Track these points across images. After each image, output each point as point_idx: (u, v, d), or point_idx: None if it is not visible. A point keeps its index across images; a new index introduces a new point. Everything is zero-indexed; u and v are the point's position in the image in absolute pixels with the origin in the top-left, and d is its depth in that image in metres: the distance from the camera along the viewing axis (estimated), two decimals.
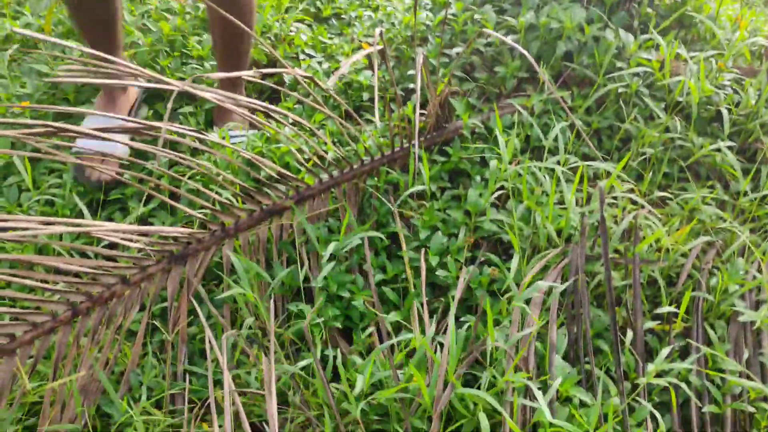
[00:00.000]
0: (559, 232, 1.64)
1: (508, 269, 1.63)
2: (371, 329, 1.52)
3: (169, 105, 1.28)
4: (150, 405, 1.37)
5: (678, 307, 1.52)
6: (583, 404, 1.31)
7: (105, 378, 1.33)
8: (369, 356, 1.40)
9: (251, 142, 1.86)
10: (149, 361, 1.44)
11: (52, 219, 1.28)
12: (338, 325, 1.52)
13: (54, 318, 1.33)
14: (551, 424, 1.24)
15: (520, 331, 1.41)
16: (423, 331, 1.49)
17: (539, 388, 1.31)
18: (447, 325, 1.50)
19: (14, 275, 1.29)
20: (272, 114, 1.58)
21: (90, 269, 1.38)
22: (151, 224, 1.81)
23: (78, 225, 1.33)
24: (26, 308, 1.49)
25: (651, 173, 1.81)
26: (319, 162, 1.70)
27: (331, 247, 1.55)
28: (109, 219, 1.84)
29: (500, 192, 1.72)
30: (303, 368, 1.42)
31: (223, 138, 1.93)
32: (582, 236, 1.54)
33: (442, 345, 1.43)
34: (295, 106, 2.15)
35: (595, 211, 1.65)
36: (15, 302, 1.56)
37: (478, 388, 1.32)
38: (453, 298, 1.60)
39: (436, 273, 1.61)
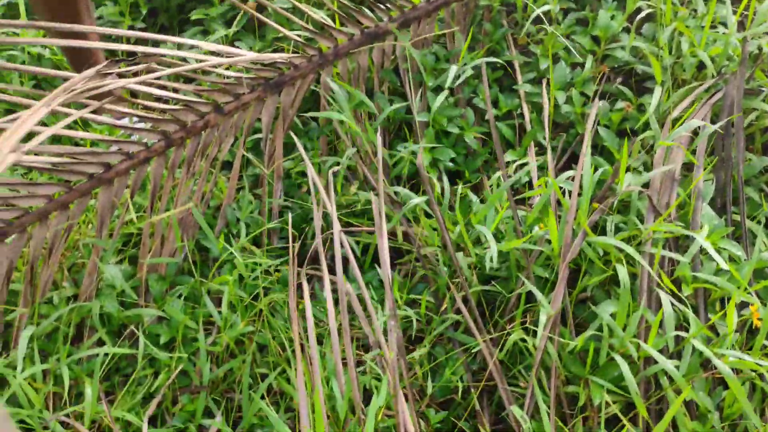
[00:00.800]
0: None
1: (642, 105, 1.42)
2: (482, 169, 1.37)
3: None
4: (248, 242, 1.30)
5: None
6: (732, 258, 1.16)
7: (199, 214, 1.25)
8: (485, 197, 1.26)
9: None
10: (245, 196, 1.35)
11: (148, 35, 1.14)
12: (448, 164, 1.37)
13: (148, 148, 1.24)
14: (696, 278, 1.10)
15: (661, 176, 1.23)
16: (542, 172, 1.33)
17: (682, 240, 1.16)
18: (570, 168, 1.33)
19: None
20: None
21: (182, 96, 1.25)
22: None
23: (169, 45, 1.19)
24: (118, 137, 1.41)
25: None
26: None
27: (450, 74, 1.36)
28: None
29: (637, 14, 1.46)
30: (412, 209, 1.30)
31: None
32: (741, 65, 1.30)
33: (561, 190, 1.28)
34: None
35: (757, 35, 1.38)
36: (108, 131, 1.48)
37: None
38: (576, 136, 1.42)
39: (559, 108, 1.42)
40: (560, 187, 1.25)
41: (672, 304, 1.06)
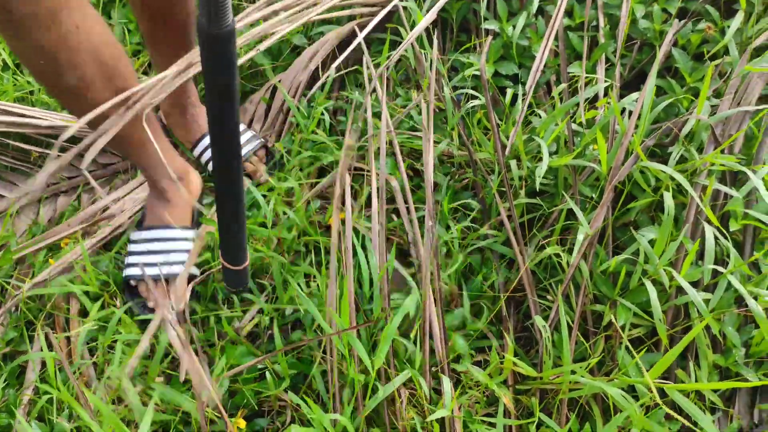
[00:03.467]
0: None
1: (726, 29, 1.33)
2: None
3: None
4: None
5: None
6: None
7: None
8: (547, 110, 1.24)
9: None
10: None
11: None
12: (506, 81, 1.34)
13: None
14: (747, 215, 1.07)
15: (731, 106, 1.17)
16: (608, 91, 1.28)
17: (741, 176, 1.12)
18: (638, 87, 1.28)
19: None
20: None
21: None
22: None
23: None
24: None
25: None
26: None
27: None
28: None
29: None
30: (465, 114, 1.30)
31: None
32: None
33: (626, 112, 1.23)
34: None
35: None
36: None
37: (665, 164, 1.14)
38: (650, 54, 1.36)
39: (636, 23, 1.35)
40: (623, 108, 1.22)
41: (716, 239, 1.04)
